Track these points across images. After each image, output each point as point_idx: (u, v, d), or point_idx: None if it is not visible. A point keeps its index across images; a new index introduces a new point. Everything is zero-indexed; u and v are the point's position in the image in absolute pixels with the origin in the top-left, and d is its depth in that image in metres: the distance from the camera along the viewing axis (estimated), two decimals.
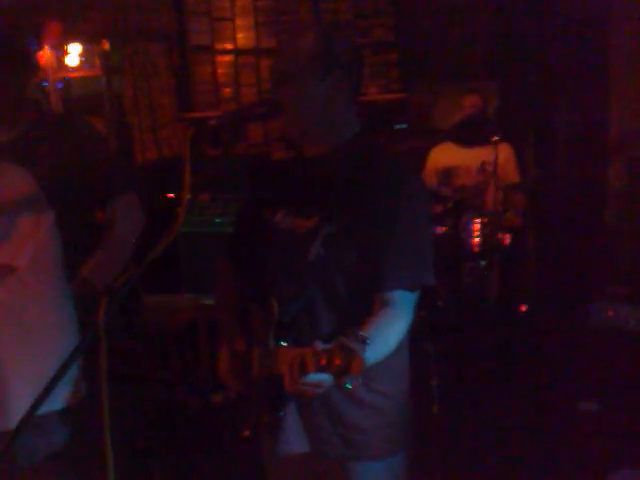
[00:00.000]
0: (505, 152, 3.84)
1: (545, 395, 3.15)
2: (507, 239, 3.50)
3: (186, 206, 1.24)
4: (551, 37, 4.36)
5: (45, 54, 4.61)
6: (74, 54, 4.76)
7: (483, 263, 3.45)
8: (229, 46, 4.84)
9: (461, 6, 4.82)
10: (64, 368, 1.28)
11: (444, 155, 4.03)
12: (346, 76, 1.50)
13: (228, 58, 4.85)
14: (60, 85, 4.82)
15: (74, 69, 4.80)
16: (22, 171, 1.72)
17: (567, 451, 2.78)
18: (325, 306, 1.46)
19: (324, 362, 1.13)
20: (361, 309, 1.42)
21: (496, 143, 3.42)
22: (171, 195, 3.42)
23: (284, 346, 1.37)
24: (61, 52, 4.73)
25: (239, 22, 4.84)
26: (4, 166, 1.71)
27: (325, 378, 1.20)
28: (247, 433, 1.47)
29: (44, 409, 1.59)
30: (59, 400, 1.72)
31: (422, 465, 2.40)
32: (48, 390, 1.28)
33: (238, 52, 4.85)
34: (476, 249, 3.44)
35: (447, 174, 3.96)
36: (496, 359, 3.23)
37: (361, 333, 1.18)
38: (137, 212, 2.18)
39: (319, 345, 1.18)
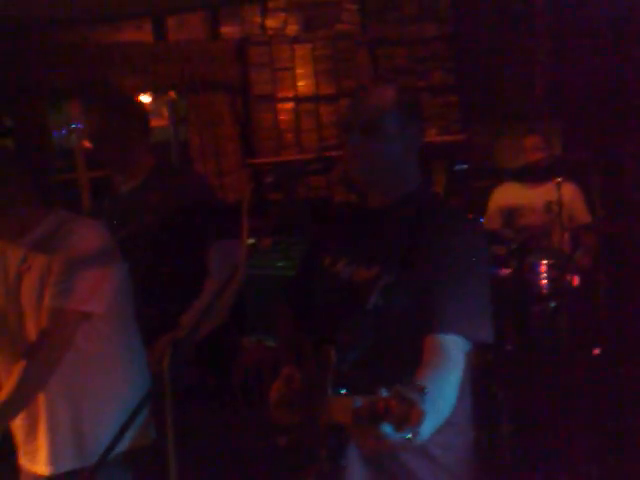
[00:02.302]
0: (570, 191, 3.76)
1: (621, 442, 3.01)
2: (576, 280, 3.40)
3: (246, 253, 1.27)
4: (614, 70, 4.30)
5: None
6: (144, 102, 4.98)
7: (552, 305, 3.35)
8: (290, 94, 4.97)
9: (519, 45, 4.83)
10: (134, 414, 1.31)
11: (508, 195, 3.98)
12: (423, 128, 1.55)
13: (289, 106, 4.97)
14: None
15: None
16: (97, 225, 1.81)
17: None
18: (383, 355, 1.44)
19: (382, 411, 1.09)
20: (419, 357, 1.37)
21: (560, 184, 3.36)
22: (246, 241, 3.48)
23: (343, 395, 1.34)
24: None
25: (299, 71, 4.97)
26: (81, 221, 1.80)
27: (389, 430, 1.12)
28: (311, 475, 1.46)
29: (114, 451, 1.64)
30: (127, 442, 1.75)
31: None
32: (122, 433, 1.30)
33: (298, 100, 4.98)
34: (544, 291, 3.35)
35: (511, 214, 3.90)
36: (570, 405, 3.11)
37: (419, 382, 1.13)
38: (234, 260, 2.21)
39: (381, 393, 1.14)
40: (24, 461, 1.85)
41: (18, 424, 1.80)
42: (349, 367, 1.42)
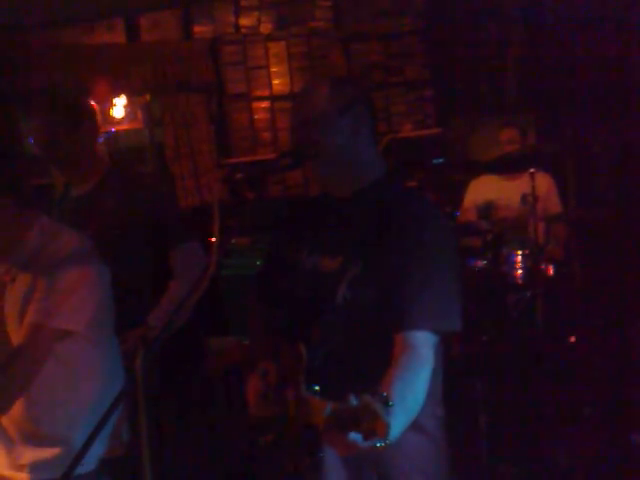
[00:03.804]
0: (546, 183, 3.80)
1: (597, 428, 3.06)
2: (550, 270, 3.44)
3: (217, 252, 1.28)
4: (586, 63, 4.34)
5: None
6: (119, 107, 4.96)
7: (528, 295, 3.39)
8: (265, 93, 4.98)
9: (492, 39, 4.86)
10: (105, 417, 1.30)
11: (484, 188, 4.01)
12: (366, 110, 1.56)
13: (264, 104, 4.98)
14: (107, 137, 5.00)
15: (118, 122, 4.99)
16: (81, 237, 1.78)
17: None
18: (353, 349, 1.46)
19: (350, 422, 1.12)
20: (388, 351, 1.40)
21: (534, 174, 3.39)
22: (213, 239, 3.48)
23: (317, 396, 1.35)
24: (107, 106, 4.93)
25: (274, 69, 4.98)
26: (65, 233, 1.76)
27: (357, 439, 1.15)
28: (292, 470, 1.47)
29: (88, 460, 1.64)
30: (103, 449, 1.76)
31: None
32: (91, 439, 1.30)
33: (274, 98, 4.99)
34: (519, 281, 3.39)
35: (488, 207, 3.93)
36: (547, 393, 3.15)
37: (384, 394, 1.15)
38: (199, 258, 2.24)
39: (350, 401, 1.16)
40: (1, 468, 1.81)
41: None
42: (320, 362, 1.43)
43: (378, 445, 1.12)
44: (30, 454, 1.75)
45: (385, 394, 1.14)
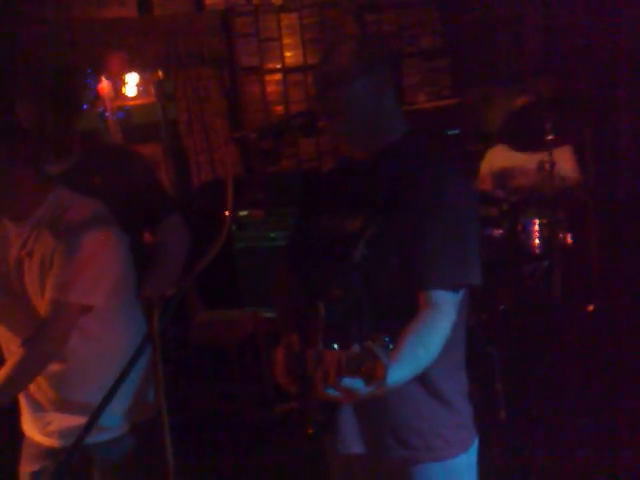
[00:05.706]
0: (563, 150, 3.74)
1: (615, 397, 3.03)
2: (568, 238, 3.40)
3: (228, 223, 1.29)
4: (605, 26, 4.24)
5: (103, 84, 4.81)
6: (132, 83, 4.95)
7: (546, 264, 3.35)
8: (277, 65, 4.92)
9: (507, 5, 4.76)
10: (120, 380, 1.30)
11: (500, 156, 3.95)
12: (391, 69, 1.55)
13: (277, 77, 4.93)
14: (121, 114, 5.01)
15: (132, 98, 4.99)
16: (97, 206, 1.78)
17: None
18: (371, 307, 1.46)
19: (352, 367, 1.15)
20: (407, 309, 1.41)
21: (551, 142, 3.33)
22: (227, 213, 3.49)
23: (328, 349, 1.35)
24: (120, 82, 4.93)
25: (286, 41, 4.92)
26: (80, 203, 1.76)
27: (358, 385, 1.19)
28: (310, 431, 1.47)
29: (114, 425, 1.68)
30: (130, 414, 1.79)
31: (489, 470, 2.35)
32: (106, 401, 1.29)
33: (286, 70, 4.94)
34: (537, 250, 3.35)
35: (503, 176, 3.88)
36: (563, 361, 3.13)
37: (385, 338, 1.17)
38: (184, 231, 2.30)
39: (353, 349, 1.18)
40: (31, 432, 1.86)
41: (30, 395, 1.81)
42: (338, 320, 1.43)
43: (375, 392, 1.14)
44: (60, 421, 1.79)
45: (386, 338, 1.16)
